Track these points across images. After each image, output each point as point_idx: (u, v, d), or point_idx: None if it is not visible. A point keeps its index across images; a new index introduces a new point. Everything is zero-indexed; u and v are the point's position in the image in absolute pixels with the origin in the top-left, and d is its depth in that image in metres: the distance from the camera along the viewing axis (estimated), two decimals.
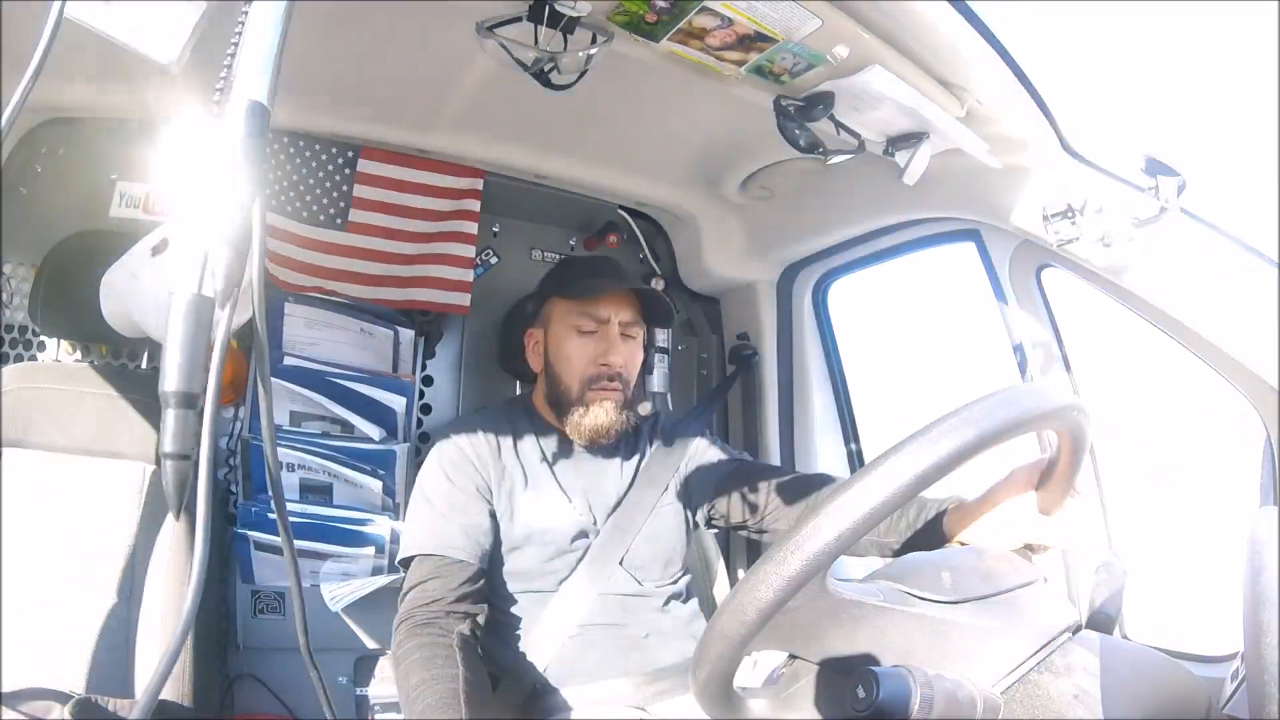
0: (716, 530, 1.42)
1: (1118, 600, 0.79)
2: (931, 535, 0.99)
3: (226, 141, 0.48)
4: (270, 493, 0.90)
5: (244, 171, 0.47)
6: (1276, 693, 0.50)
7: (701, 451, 1.31)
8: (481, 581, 1.12)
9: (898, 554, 1.06)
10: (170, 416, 0.46)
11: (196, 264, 0.47)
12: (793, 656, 0.61)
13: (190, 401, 0.46)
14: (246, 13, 0.50)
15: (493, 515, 1.16)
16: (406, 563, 1.15)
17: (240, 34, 0.50)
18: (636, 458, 1.27)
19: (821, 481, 1.22)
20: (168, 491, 0.47)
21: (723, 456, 1.31)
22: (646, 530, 1.20)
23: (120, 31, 0.54)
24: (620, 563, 1.17)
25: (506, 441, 1.22)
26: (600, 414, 1.18)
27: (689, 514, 1.28)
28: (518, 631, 1.14)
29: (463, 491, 1.16)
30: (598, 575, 1.15)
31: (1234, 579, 0.58)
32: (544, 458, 1.22)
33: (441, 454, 1.20)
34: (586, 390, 1.18)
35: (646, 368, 1.66)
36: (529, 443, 1.23)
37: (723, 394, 1.72)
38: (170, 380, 0.46)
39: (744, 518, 1.24)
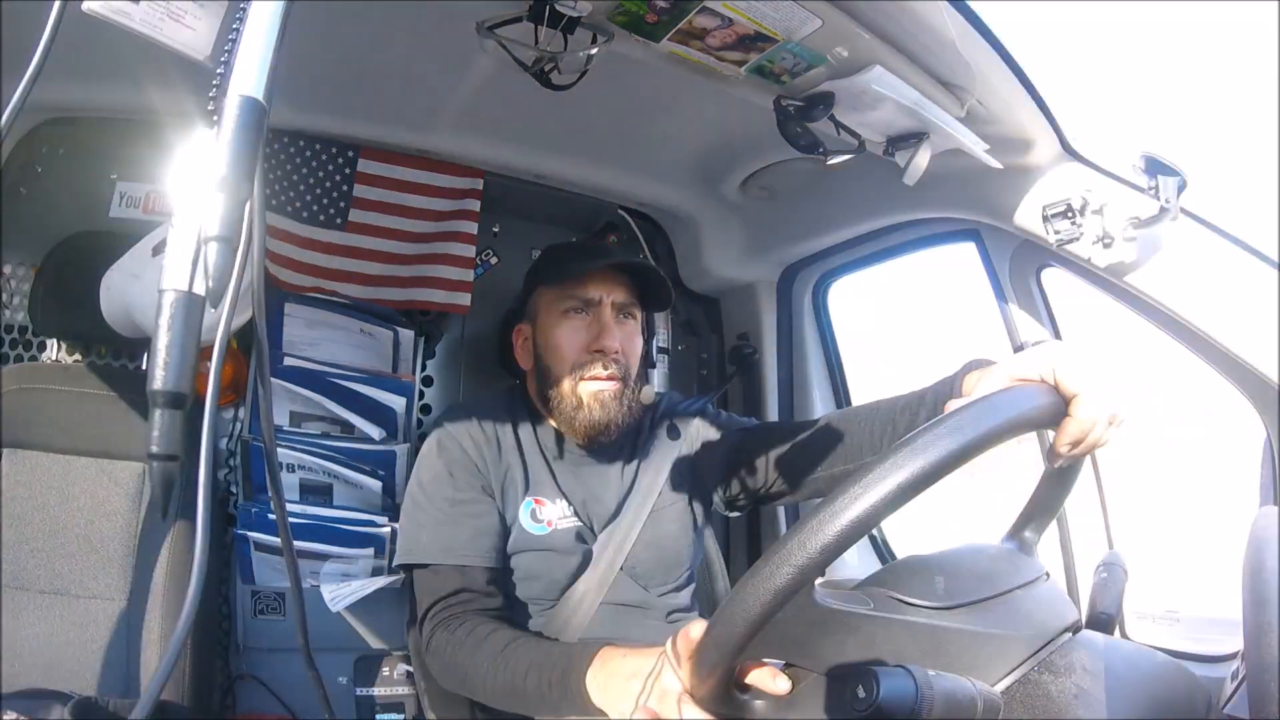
0: (737, 514, 1.36)
1: (1118, 600, 0.79)
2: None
3: (221, 137, 0.46)
4: (270, 493, 0.90)
5: (239, 168, 0.46)
6: (1276, 693, 0.50)
7: (703, 432, 1.24)
8: (496, 580, 1.07)
9: None
10: (157, 417, 0.44)
11: (188, 261, 0.45)
12: (790, 664, 0.61)
13: (178, 402, 0.44)
14: (244, 10, 0.50)
15: (500, 514, 1.11)
16: (409, 568, 1.09)
17: (238, 31, 0.50)
18: (638, 458, 1.20)
19: (834, 436, 1.09)
20: (154, 493, 0.46)
21: (726, 430, 1.23)
22: (648, 535, 1.15)
23: (153, 30, 0.54)
24: (622, 569, 1.13)
25: (507, 438, 1.15)
26: (596, 409, 1.08)
27: (695, 509, 1.21)
28: None
29: (469, 490, 1.10)
30: (600, 583, 1.11)
31: (1234, 579, 0.58)
32: (543, 458, 1.16)
33: (443, 450, 1.12)
34: (579, 382, 1.09)
35: (649, 361, 1.63)
36: (528, 441, 1.16)
37: (719, 391, 1.72)
38: (157, 380, 0.43)
39: (761, 487, 1.16)
